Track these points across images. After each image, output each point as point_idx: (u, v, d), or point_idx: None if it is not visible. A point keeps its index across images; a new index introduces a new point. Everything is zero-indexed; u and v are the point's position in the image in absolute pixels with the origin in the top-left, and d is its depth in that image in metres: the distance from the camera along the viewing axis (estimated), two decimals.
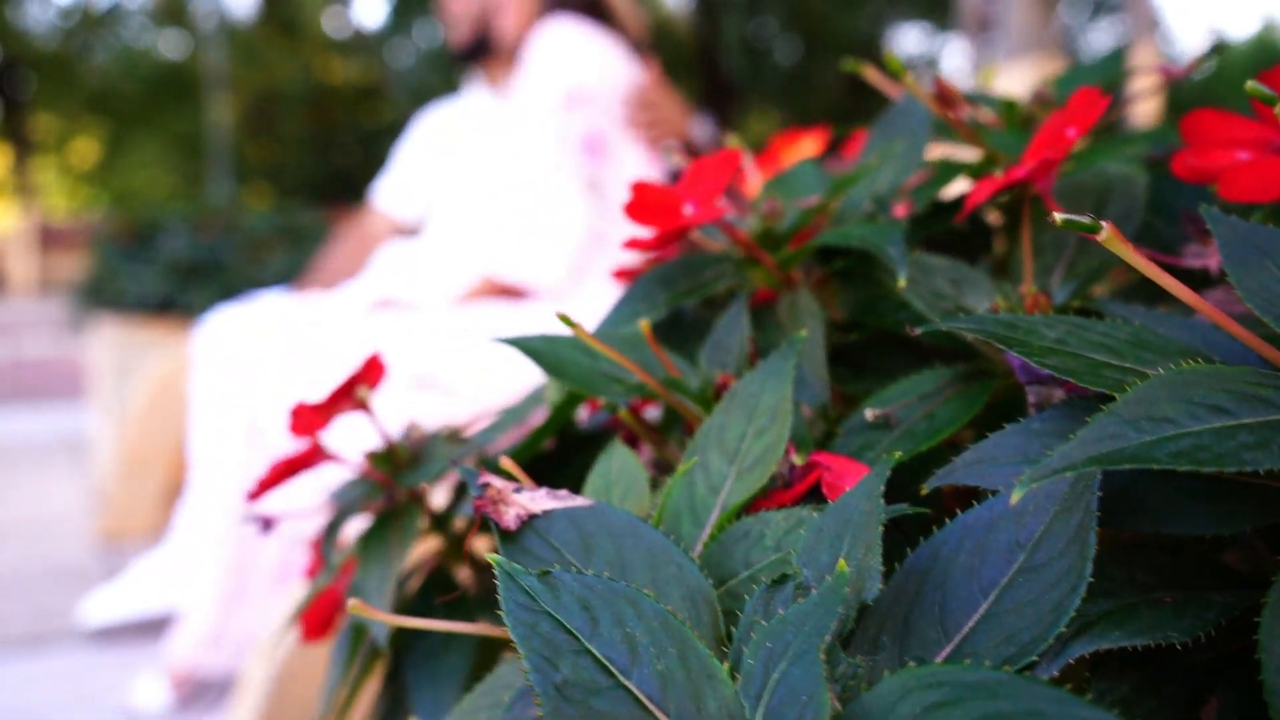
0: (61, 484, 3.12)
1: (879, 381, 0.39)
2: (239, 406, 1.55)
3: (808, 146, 0.73)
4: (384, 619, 0.30)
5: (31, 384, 5.48)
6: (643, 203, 0.44)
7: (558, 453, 0.48)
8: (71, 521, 2.69)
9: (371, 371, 0.51)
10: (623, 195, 1.72)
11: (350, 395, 0.50)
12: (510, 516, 0.30)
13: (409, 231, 2.11)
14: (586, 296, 1.72)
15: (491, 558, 0.27)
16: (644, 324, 0.37)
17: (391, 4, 15.74)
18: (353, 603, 0.29)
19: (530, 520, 0.30)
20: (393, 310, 1.63)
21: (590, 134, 1.67)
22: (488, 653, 0.44)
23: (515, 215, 1.68)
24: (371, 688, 0.49)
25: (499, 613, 0.43)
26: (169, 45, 17.35)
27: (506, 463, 0.33)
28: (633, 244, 0.43)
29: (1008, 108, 0.49)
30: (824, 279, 0.46)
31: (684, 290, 0.44)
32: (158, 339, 2.87)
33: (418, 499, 0.47)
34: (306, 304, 1.65)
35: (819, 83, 15.36)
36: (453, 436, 0.48)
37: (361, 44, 17.60)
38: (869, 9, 15.14)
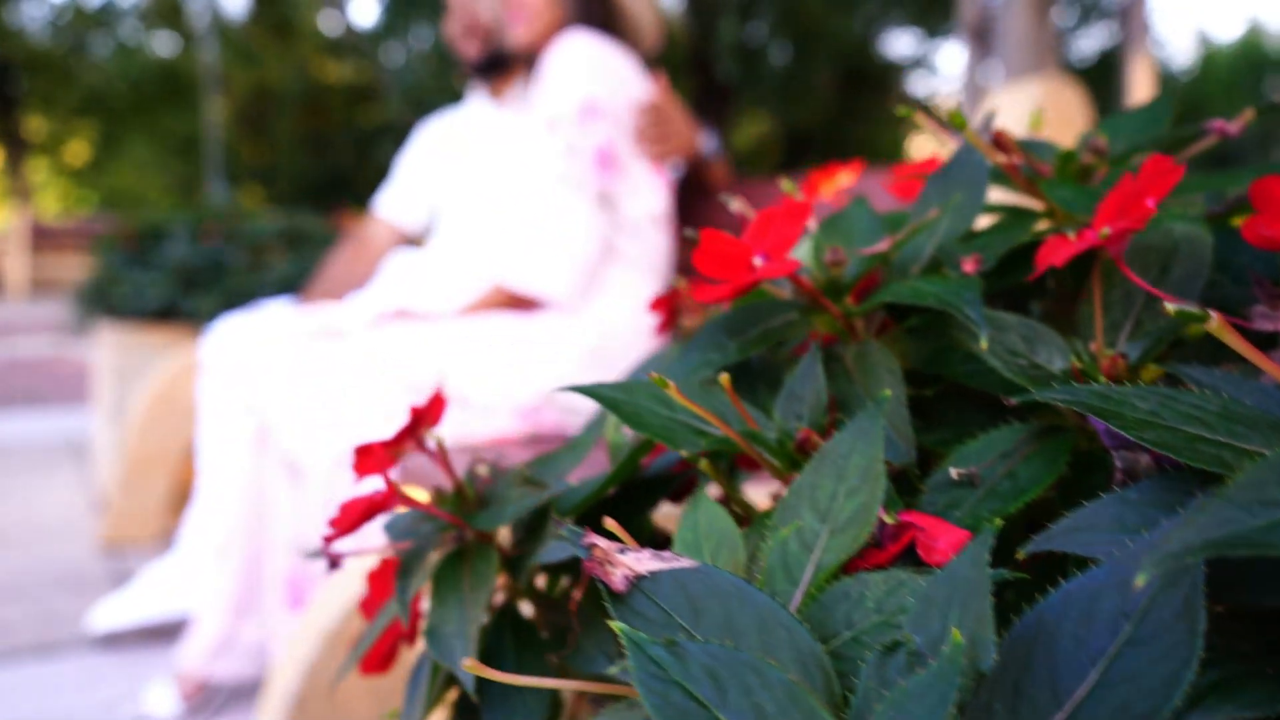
0: (64, 488, 3.11)
1: (951, 433, 0.40)
2: (247, 414, 1.56)
3: (844, 179, 0.75)
4: (490, 675, 0.31)
5: (31, 386, 5.47)
6: (712, 253, 0.45)
7: (622, 497, 0.49)
8: (76, 526, 2.69)
9: (434, 409, 0.52)
10: (633, 208, 1.74)
11: (415, 433, 0.51)
12: (618, 578, 0.31)
13: (413, 240, 2.12)
14: (598, 309, 1.73)
15: (616, 626, 0.28)
16: (725, 378, 0.38)
17: (385, 4, 15.70)
18: (468, 662, 0.30)
19: (637, 581, 0.31)
20: (403, 319, 1.64)
21: (603, 147, 1.68)
22: (558, 691, 0.45)
23: (527, 226, 1.69)
24: (439, 715, 0.50)
25: (575, 656, 0.45)
26: (162, 45, 17.31)
27: (610, 523, 0.34)
28: (704, 295, 0.44)
29: (1064, 159, 0.50)
30: (885, 324, 0.48)
31: (754, 338, 0.45)
32: (160, 345, 2.87)
33: (489, 539, 0.47)
34: (316, 312, 1.66)
35: (812, 85, 15.38)
36: (522, 477, 0.48)
37: (355, 44, 17.57)
38: (862, 12, 15.16)
